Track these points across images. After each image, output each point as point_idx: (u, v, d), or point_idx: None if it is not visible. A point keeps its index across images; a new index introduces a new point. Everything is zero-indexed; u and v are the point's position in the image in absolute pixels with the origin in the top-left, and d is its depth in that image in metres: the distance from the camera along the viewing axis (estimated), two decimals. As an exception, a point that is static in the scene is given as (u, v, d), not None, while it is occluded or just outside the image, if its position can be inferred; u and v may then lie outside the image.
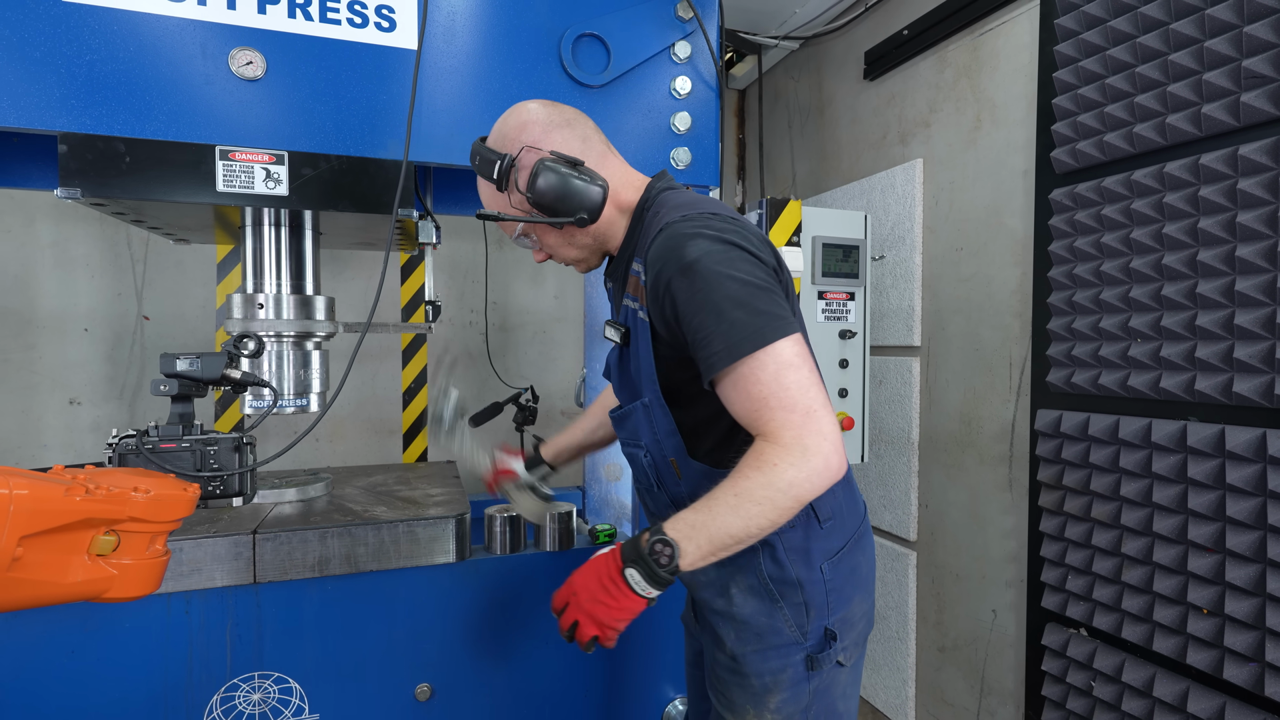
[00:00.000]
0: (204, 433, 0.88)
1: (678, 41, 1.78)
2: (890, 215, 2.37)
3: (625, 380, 1.05)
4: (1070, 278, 1.66)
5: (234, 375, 0.90)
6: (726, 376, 0.87)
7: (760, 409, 0.85)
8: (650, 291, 0.92)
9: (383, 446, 2.97)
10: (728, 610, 1.05)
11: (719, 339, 0.85)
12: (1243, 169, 1.32)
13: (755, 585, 1.03)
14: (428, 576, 1.59)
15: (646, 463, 1.02)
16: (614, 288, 1.10)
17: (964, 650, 2.12)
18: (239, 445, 0.87)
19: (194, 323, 2.71)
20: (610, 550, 0.89)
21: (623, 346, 1.02)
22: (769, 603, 1.03)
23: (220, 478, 0.85)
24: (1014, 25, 1.92)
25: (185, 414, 0.86)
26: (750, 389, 0.85)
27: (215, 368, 0.90)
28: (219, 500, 0.87)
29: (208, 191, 1.43)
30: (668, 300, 0.89)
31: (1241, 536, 1.32)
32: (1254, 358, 1.30)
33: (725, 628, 1.05)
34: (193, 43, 1.42)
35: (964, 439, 2.11)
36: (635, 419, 1.02)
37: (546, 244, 1.04)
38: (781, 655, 1.02)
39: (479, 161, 0.99)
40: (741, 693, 1.03)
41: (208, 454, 0.85)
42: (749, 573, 1.03)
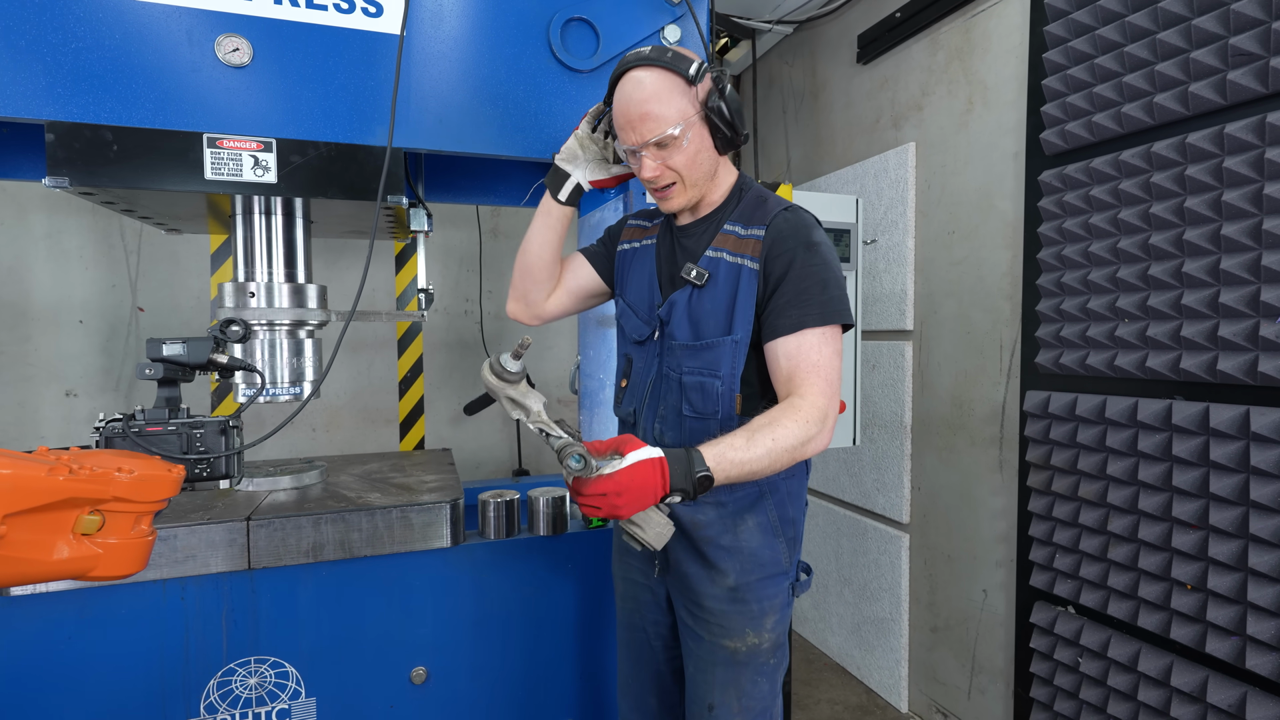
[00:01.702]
0: (191, 416, 0.89)
1: (667, 25, 1.77)
2: (883, 199, 2.36)
3: (702, 317, 1.16)
4: (1059, 259, 1.66)
5: (220, 360, 0.91)
6: (807, 333, 1.07)
7: (810, 373, 1.06)
8: (769, 250, 1.12)
9: (379, 436, 2.98)
10: (734, 545, 1.18)
11: (817, 305, 1.08)
12: (1229, 147, 1.32)
13: (764, 522, 1.20)
14: (422, 561, 1.60)
15: (721, 390, 1.14)
16: (687, 242, 1.24)
17: (955, 630, 2.14)
18: (225, 428, 0.88)
19: (188, 314, 2.72)
20: (654, 463, 0.95)
21: (698, 287, 1.16)
22: (773, 537, 1.20)
23: (207, 460, 0.86)
24: (1005, 6, 1.91)
25: (172, 398, 0.87)
26: (809, 354, 1.07)
27: (202, 352, 0.90)
28: (206, 483, 0.88)
29: (196, 179, 1.43)
30: (785, 261, 1.10)
31: (1224, 513, 1.33)
32: (1238, 336, 1.31)
33: (729, 561, 1.18)
34: (179, 30, 1.41)
35: (956, 422, 2.12)
36: (720, 351, 1.14)
37: (689, 155, 1.13)
38: (776, 583, 1.21)
39: (671, 56, 1.09)
40: (740, 618, 1.18)
41: (194, 437, 0.85)
42: (759, 511, 1.20)
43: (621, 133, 1.15)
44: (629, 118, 1.12)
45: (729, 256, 1.16)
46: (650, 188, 1.19)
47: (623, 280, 1.36)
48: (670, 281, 1.25)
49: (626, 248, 1.38)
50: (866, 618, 2.52)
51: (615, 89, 1.16)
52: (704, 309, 1.16)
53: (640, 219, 1.41)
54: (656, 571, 1.27)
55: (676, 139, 1.11)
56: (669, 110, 1.10)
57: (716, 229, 1.21)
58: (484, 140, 1.64)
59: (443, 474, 1.94)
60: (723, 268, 1.16)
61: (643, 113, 1.10)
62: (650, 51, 1.11)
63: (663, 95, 1.10)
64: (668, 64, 1.09)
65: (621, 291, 1.35)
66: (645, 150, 1.13)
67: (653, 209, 1.44)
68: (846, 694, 2.51)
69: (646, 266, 1.30)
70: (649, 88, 1.10)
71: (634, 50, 1.15)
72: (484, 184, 2.25)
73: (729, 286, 1.14)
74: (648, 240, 1.34)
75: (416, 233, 1.90)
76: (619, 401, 1.34)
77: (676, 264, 1.24)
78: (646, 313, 1.26)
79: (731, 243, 1.17)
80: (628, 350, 1.31)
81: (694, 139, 1.13)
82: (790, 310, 1.09)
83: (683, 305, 1.19)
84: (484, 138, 1.64)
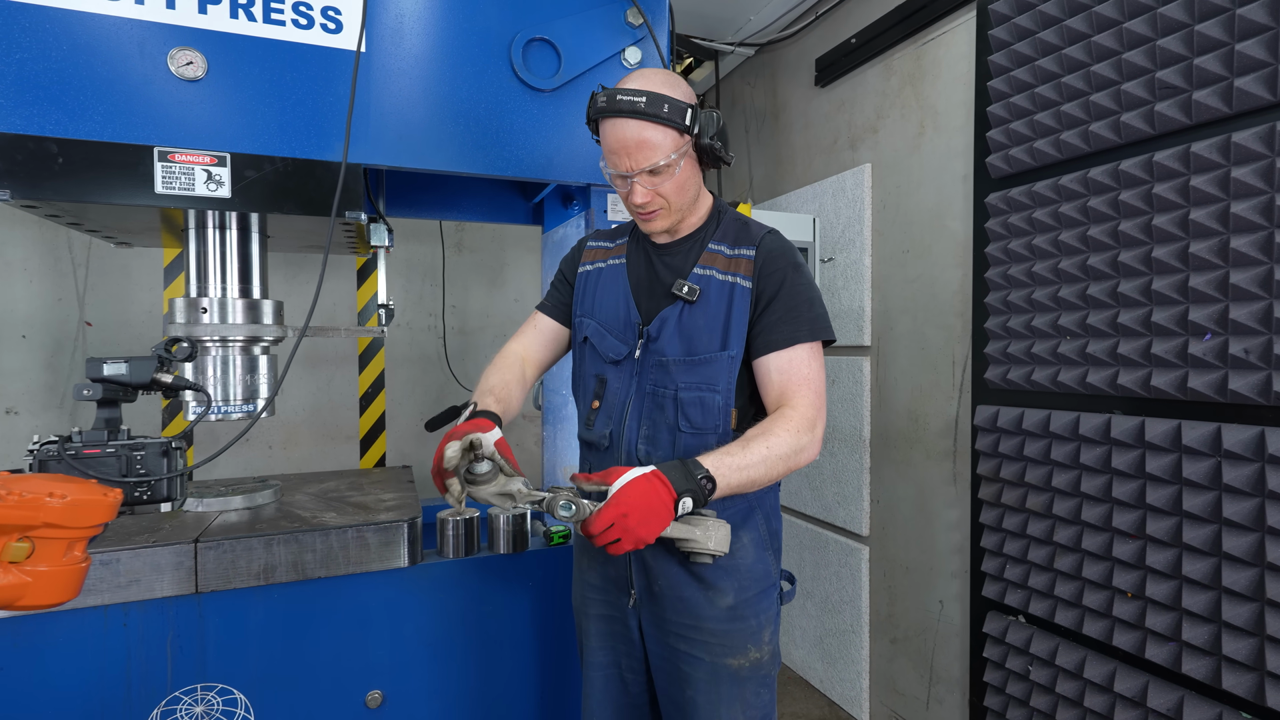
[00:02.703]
0: (132, 438, 0.86)
1: (628, 47, 1.80)
2: (841, 218, 2.42)
3: (696, 332, 1.19)
4: (1005, 278, 1.73)
5: (165, 379, 0.89)
6: (797, 348, 1.14)
7: (801, 385, 1.13)
8: (762, 268, 1.18)
9: (339, 453, 2.93)
10: (731, 564, 1.19)
11: (807, 322, 1.15)
12: (1158, 174, 1.39)
13: (756, 537, 1.23)
14: (378, 581, 1.58)
15: (720, 404, 1.17)
16: (669, 260, 1.27)
17: (914, 641, 2.18)
18: (168, 449, 0.86)
19: (139, 328, 2.64)
20: (648, 476, 1.00)
21: (689, 303, 1.19)
22: (764, 550, 1.23)
23: (147, 483, 0.84)
24: (953, 35, 1.99)
25: (112, 419, 0.85)
26: (800, 367, 1.14)
27: (145, 372, 0.89)
28: (146, 506, 0.85)
29: (145, 194, 1.41)
30: (777, 280, 1.17)
31: (1160, 523, 1.39)
32: (1170, 353, 1.37)
33: (727, 580, 1.19)
34: (130, 42, 1.39)
35: (912, 435, 2.17)
36: (717, 366, 1.17)
37: (678, 183, 1.17)
38: (769, 595, 1.23)
39: (668, 109, 1.12)
40: (741, 635, 1.19)
41: (134, 459, 0.83)
42: (751, 526, 1.22)
43: (614, 158, 1.16)
44: (625, 145, 1.13)
45: (719, 274, 1.20)
46: (638, 212, 1.20)
47: (589, 301, 1.33)
48: (651, 298, 1.25)
49: (590, 268, 1.37)
50: (829, 630, 2.55)
51: (604, 121, 1.16)
52: (697, 325, 1.19)
53: (601, 239, 1.41)
54: (632, 602, 1.24)
55: (669, 167, 1.14)
56: (666, 140, 1.13)
57: (700, 248, 1.24)
58: (445, 157, 1.64)
59: (401, 492, 1.92)
60: (714, 285, 1.19)
61: (640, 139, 1.12)
62: (645, 104, 1.10)
63: (659, 141, 1.13)
64: (666, 117, 1.11)
65: (588, 312, 1.33)
66: (638, 177, 1.15)
67: (613, 228, 1.45)
68: (809, 707, 2.53)
69: (619, 285, 1.29)
70: (650, 135, 1.12)
71: (628, 91, 1.13)
72: (447, 199, 2.25)
73: (722, 303, 1.18)
74: (614, 260, 1.34)
75: (377, 248, 1.89)
76: (589, 424, 1.30)
77: (659, 281, 1.25)
78: (622, 331, 1.26)
79: (721, 261, 1.21)
80: (599, 371, 1.28)
81: (685, 167, 1.17)
82: (783, 326, 1.15)
83: (674, 321, 1.20)
84: (445, 155, 1.64)
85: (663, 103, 1.12)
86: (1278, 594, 1.21)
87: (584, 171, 1.77)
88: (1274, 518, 1.21)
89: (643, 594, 1.23)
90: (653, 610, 1.23)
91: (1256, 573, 1.25)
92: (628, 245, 1.35)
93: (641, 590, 1.23)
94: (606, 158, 1.19)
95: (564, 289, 1.41)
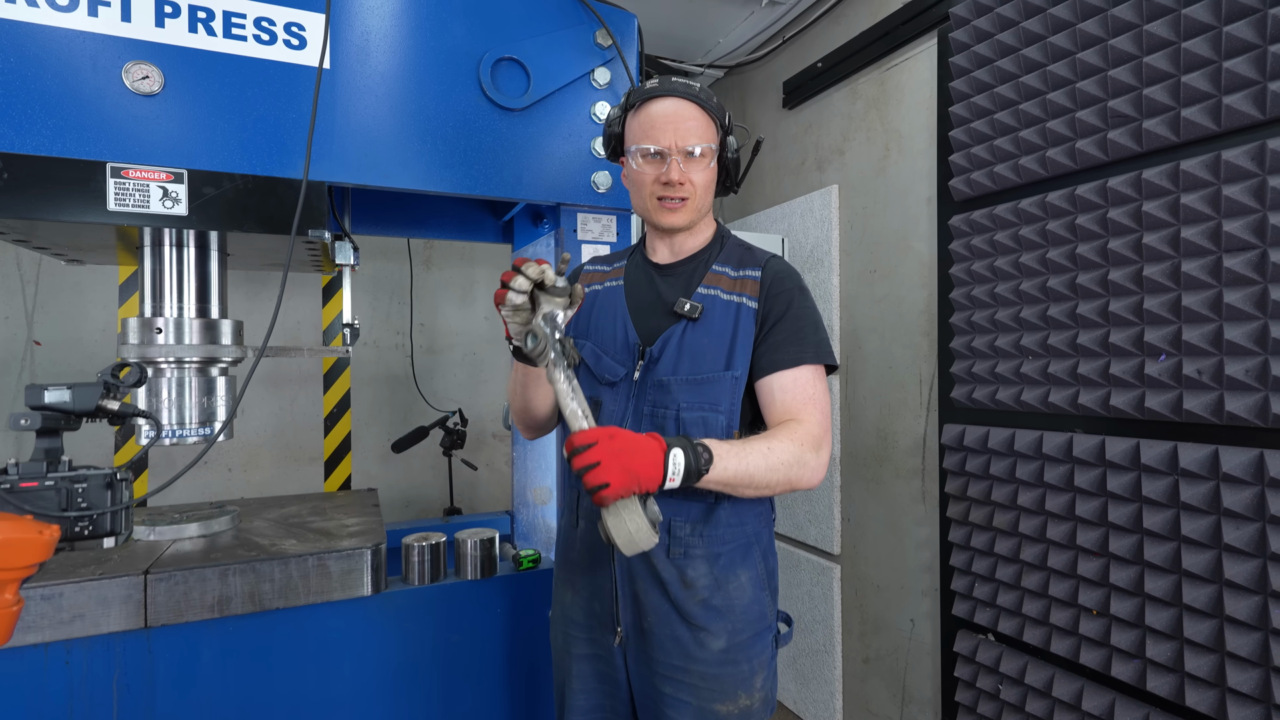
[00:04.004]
0: (73, 469, 0.82)
1: (597, 68, 1.81)
2: (809, 238, 2.45)
3: (699, 352, 1.17)
4: (969, 299, 1.76)
5: (111, 407, 0.85)
6: (801, 369, 1.13)
7: (808, 404, 1.13)
8: (769, 289, 1.18)
9: (302, 475, 2.85)
10: (726, 604, 1.15)
11: (812, 344, 1.15)
12: (1112, 199, 1.43)
13: (754, 576, 1.19)
14: (339, 611, 1.52)
15: (724, 424, 1.15)
16: (671, 280, 1.27)
17: (886, 660, 2.18)
18: (111, 481, 0.81)
19: (92, 347, 2.55)
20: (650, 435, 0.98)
21: (693, 321, 1.18)
22: (761, 590, 1.19)
23: (89, 517, 0.79)
24: (916, 61, 2.04)
25: (52, 449, 0.81)
26: (806, 387, 1.13)
27: (89, 399, 0.84)
28: (88, 541, 0.81)
29: (97, 211, 1.36)
30: (784, 301, 1.17)
31: (1122, 540, 1.41)
32: (1127, 373, 1.41)
33: (719, 623, 1.14)
34: (83, 55, 1.35)
35: (881, 454, 2.19)
36: (721, 386, 1.15)
37: (708, 178, 1.21)
38: (763, 638, 1.19)
39: (716, 102, 1.20)
40: (732, 680, 1.14)
41: (75, 492, 0.79)
42: (749, 564, 1.19)
43: (655, 132, 1.17)
44: (673, 120, 1.16)
45: (724, 294, 1.19)
46: (664, 195, 1.19)
47: (585, 323, 1.31)
48: (651, 319, 1.23)
49: (587, 291, 1.35)
50: (802, 650, 2.54)
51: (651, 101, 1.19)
52: (700, 344, 1.17)
53: (598, 264, 1.40)
54: (618, 640, 1.19)
55: (704, 158, 1.18)
56: (708, 131, 1.18)
57: (704, 269, 1.24)
58: (412, 175, 1.62)
59: (365, 516, 1.86)
60: (719, 304, 1.18)
61: (689, 118, 1.17)
62: (699, 90, 1.18)
63: (701, 130, 1.17)
64: (714, 107, 1.19)
65: (584, 334, 1.30)
66: (677, 155, 1.16)
67: (610, 254, 1.44)
68: (783, 728, 2.50)
69: (616, 306, 1.27)
70: (696, 122, 1.18)
71: (679, 79, 1.21)
72: (415, 217, 2.22)
73: (727, 323, 1.17)
74: (611, 282, 1.32)
75: (342, 266, 1.85)
76: None
77: (661, 301, 1.24)
78: (620, 352, 1.23)
79: (725, 282, 1.21)
80: (594, 393, 1.23)
81: (713, 169, 1.21)
82: (788, 347, 1.14)
83: (676, 340, 1.18)
84: (412, 173, 1.62)
85: (711, 96, 1.19)
86: (1236, 610, 1.24)
87: (554, 191, 1.76)
88: (1230, 535, 1.24)
89: (630, 631, 1.18)
90: (640, 649, 1.18)
91: (1215, 589, 1.27)
92: (626, 268, 1.34)
93: (629, 627, 1.18)
94: (645, 135, 1.18)
95: None
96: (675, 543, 1.15)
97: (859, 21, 2.25)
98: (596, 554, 1.22)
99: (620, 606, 1.19)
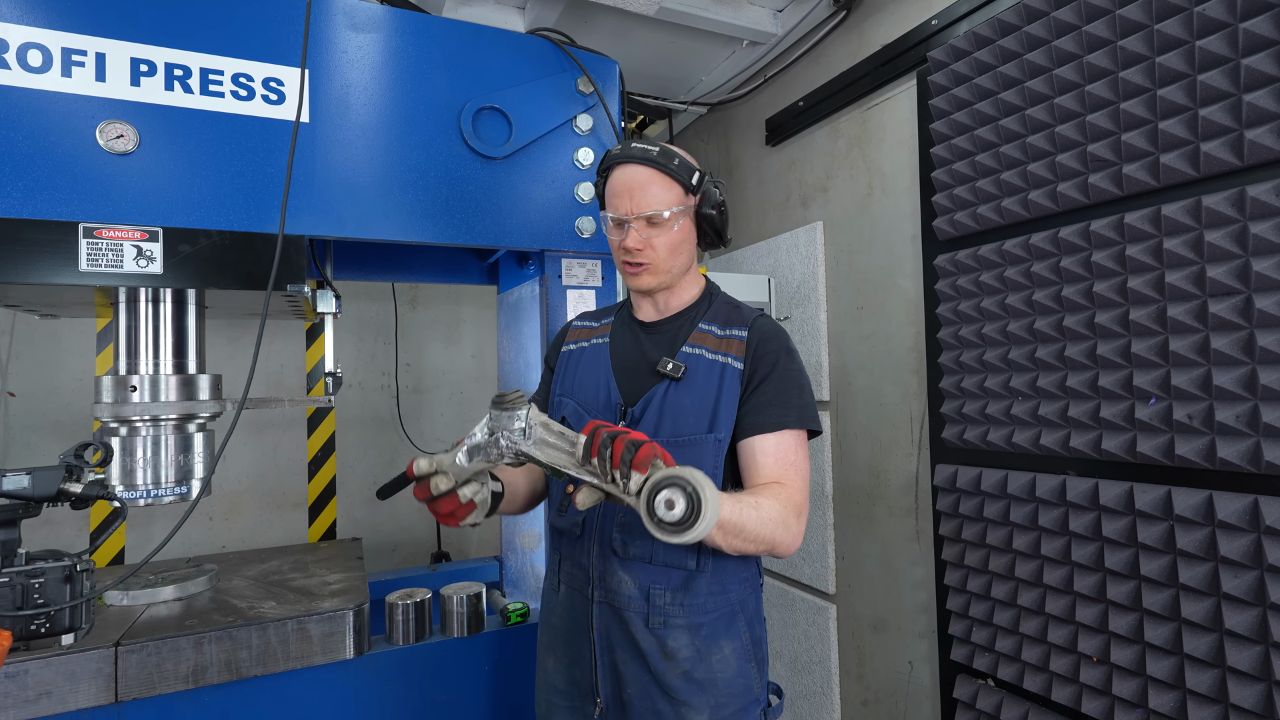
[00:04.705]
0: (31, 559, 0.78)
1: (579, 114, 1.81)
2: (796, 274, 2.45)
3: (681, 413, 1.14)
4: (957, 339, 1.75)
5: (73, 490, 0.81)
6: (785, 434, 1.12)
7: (790, 469, 1.11)
8: (755, 349, 1.16)
9: (285, 522, 2.78)
10: (708, 677, 1.11)
11: (795, 409, 1.14)
12: (1095, 242, 1.44)
13: (739, 647, 1.15)
14: (320, 676, 1.47)
15: None
16: (656, 338, 1.24)
17: (885, 703, 2.13)
18: (70, 574, 0.77)
19: (68, 398, 2.49)
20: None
21: (675, 380, 1.16)
22: (746, 662, 1.15)
23: (46, 614, 0.75)
24: (896, 101, 2.06)
25: (8, 542, 0.77)
26: (788, 453, 1.12)
27: (50, 483, 0.81)
28: (45, 640, 0.77)
29: (69, 272, 1.33)
30: (770, 362, 1.15)
31: (1119, 586, 1.39)
32: (1117, 416, 1.40)
33: (702, 698, 1.10)
34: (55, 115, 1.33)
35: (874, 491, 2.16)
36: (703, 449, 1.12)
37: (673, 241, 1.18)
38: (749, 712, 1.14)
39: (678, 163, 1.16)
40: None
41: (31, 588, 0.75)
42: (733, 634, 1.14)
43: (615, 200, 1.17)
44: (629, 187, 1.15)
45: (709, 354, 1.17)
46: (625, 261, 1.19)
47: (569, 380, 1.29)
48: (635, 378, 1.21)
49: (573, 348, 1.33)
50: (800, 692, 2.48)
51: (614, 168, 1.19)
52: (683, 405, 1.15)
53: (587, 320, 1.39)
54: (598, 711, 1.15)
55: (668, 221, 1.15)
56: (670, 194, 1.16)
57: (690, 327, 1.23)
58: (394, 226, 1.61)
59: (349, 572, 1.81)
60: (702, 364, 1.16)
61: (645, 185, 1.15)
62: (658, 154, 1.15)
63: (661, 195, 1.16)
64: (675, 170, 1.16)
65: (567, 392, 1.28)
66: (635, 222, 1.15)
67: (600, 309, 1.42)
68: (783, 774, 2.44)
69: (600, 364, 1.26)
70: (655, 186, 1.16)
71: (643, 141, 1.19)
72: (400, 261, 2.20)
73: (711, 384, 1.15)
74: (598, 339, 1.31)
75: (324, 314, 1.82)
76: (561, 510, 1.23)
77: (645, 359, 1.22)
78: (602, 411, 1.21)
79: (711, 341, 1.19)
80: None
81: (682, 228, 1.18)
82: (771, 410, 1.12)
83: (659, 400, 1.15)
84: (393, 224, 1.60)
85: (674, 157, 1.16)
86: (1238, 661, 1.21)
87: (538, 237, 1.75)
88: (1229, 583, 1.22)
89: (610, 702, 1.15)
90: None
91: (1215, 638, 1.25)
92: (613, 325, 1.32)
93: (609, 698, 1.15)
94: (609, 203, 1.20)
95: (549, 380, 1.37)
96: (655, 611, 1.11)
97: (839, 62, 2.28)
98: (577, 620, 1.19)
99: (600, 676, 1.15)
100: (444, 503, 0.98)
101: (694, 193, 1.18)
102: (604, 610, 1.15)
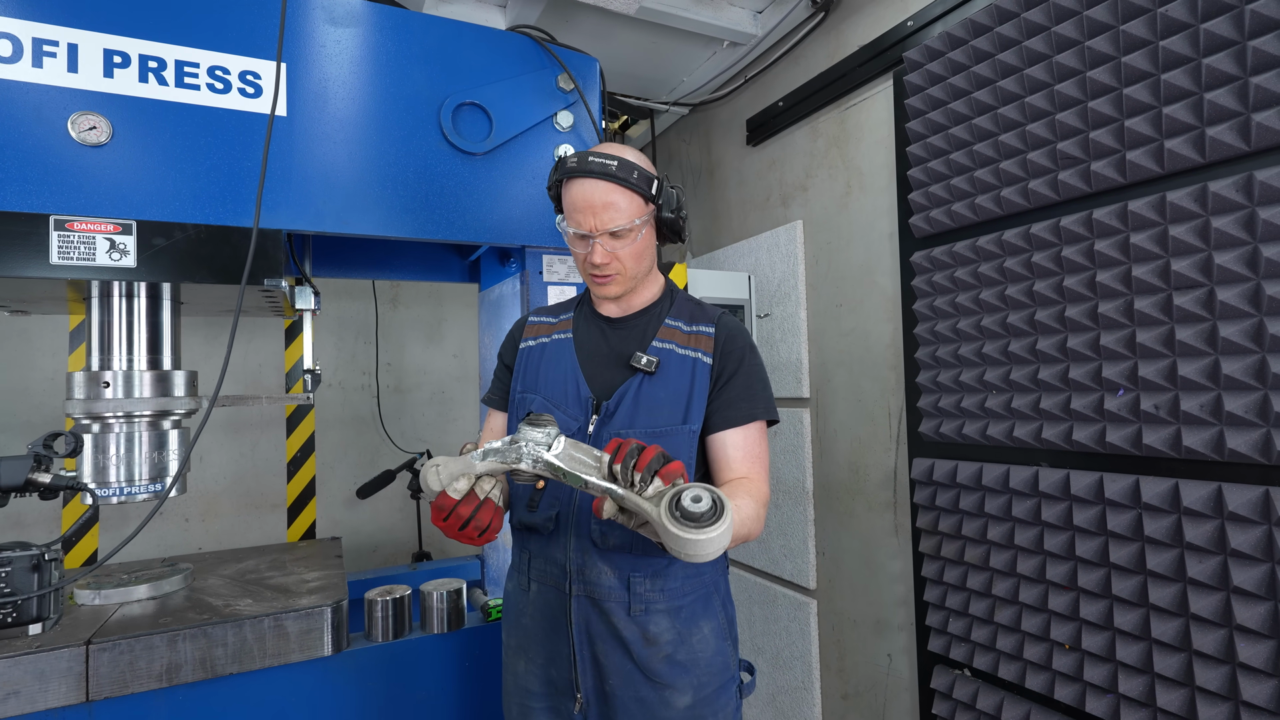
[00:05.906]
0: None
1: (560, 111, 1.82)
2: (776, 272, 2.47)
3: (655, 406, 1.17)
4: (933, 334, 1.78)
5: (42, 480, 0.80)
6: (751, 426, 1.18)
7: (755, 463, 1.17)
8: (723, 346, 1.21)
9: (264, 523, 2.75)
10: (690, 658, 1.14)
11: (762, 402, 1.20)
12: (1065, 238, 1.47)
13: (716, 626, 1.19)
14: (298, 674, 1.46)
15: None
16: (623, 334, 1.27)
17: (865, 696, 2.15)
18: (38, 563, 0.76)
19: (40, 397, 2.45)
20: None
21: (649, 374, 1.19)
22: (723, 641, 1.20)
23: (13, 603, 0.74)
24: (873, 102, 2.09)
25: (-26, 531, 0.76)
26: (754, 446, 1.18)
27: (18, 473, 0.80)
28: (12, 629, 0.76)
29: (39, 265, 1.31)
30: (737, 359, 1.21)
31: (1090, 574, 1.42)
32: (1088, 408, 1.43)
33: (685, 679, 1.13)
34: (25, 106, 1.32)
35: (854, 487, 2.19)
36: (678, 440, 1.16)
37: (638, 249, 1.20)
38: (728, 690, 1.19)
39: (637, 176, 1.16)
40: None
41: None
42: (710, 614, 1.19)
43: (578, 215, 1.17)
44: (591, 204, 1.15)
45: (680, 349, 1.21)
46: (593, 273, 1.21)
47: (532, 376, 1.29)
48: (605, 372, 1.23)
49: (533, 344, 1.33)
50: (781, 687, 2.50)
51: (573, 181, 1.17)
52: (657, 397, 1.18)
53: (543, 315, 1.39)
54: (578, 708, 1.16)
55: (631, 232, 1.17)
56: (632, 206, 1.17)
57: (657, 323, 1.26)
58: (373, 221, 1.60)
59: (327, 570, 1.80)
60: (674, 358, 1.20)
61: (606, 201, 1.15)
62: (616, 168, 1.14)
63: (624, 207, 1.16)
64: (634, 182, 1.15)
65: (531, 387, 1.28)
66: (599, 238, 1.16)
67: (555, 305, 1.43)
68: (765, 770, 2.45)
69: (565, 359, 1.27)
70: (617, 198, 1.15)
71: (600, 155, 1.16)
72: (380, 258, 2.19)
73: (683, 377, 1.19)
74: (559, 335, 1.31)
75: (303, 311, 1.81)
76: (531, 506, 1.22)
77: (614, 354, 1.24)
78: (572, 405, 1.22)
79: (680, 337, 1.23)
80: None
81: (645, 235, 1.21)
82: (741, 404, 1.18)
83: (633, 394, 1.18)
84: (372, 219, 1.60)
85: (633, 169, 1.16)
86: (1203, 645, 1.24)
87: (518, 233, 1.75)
88: (1194, 569, 1.25)
89: (591, 696, 1.15)
90: (603, 713, 1.15)
91: (1182, 623, 1.28)
92: (574, 320, 1.33)
93: (590, 692, 1.15)
94: (569, 217, 1.19)
95: (506, 377, 1.37)
96: (636, 599, 1.13)
97: (817, 62, 2.31)
98: (552, 618, 1.19)
99: (579, 671, 1.15)
100: (464, 506, 0.96)
101: (654, 200, 1.20)
102: (583, 603, 1.16)
